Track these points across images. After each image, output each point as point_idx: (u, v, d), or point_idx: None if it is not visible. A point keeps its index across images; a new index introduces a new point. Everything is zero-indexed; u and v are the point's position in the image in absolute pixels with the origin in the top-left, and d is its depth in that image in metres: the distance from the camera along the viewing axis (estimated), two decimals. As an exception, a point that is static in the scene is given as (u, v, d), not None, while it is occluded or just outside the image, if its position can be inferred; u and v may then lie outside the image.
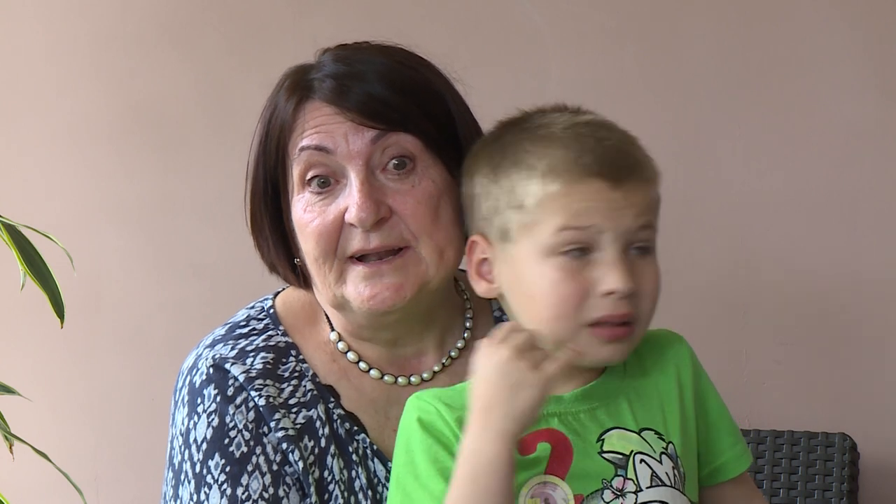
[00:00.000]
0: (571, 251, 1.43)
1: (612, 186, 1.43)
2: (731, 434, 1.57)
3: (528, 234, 1.45)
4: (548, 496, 1.41)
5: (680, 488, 1.47)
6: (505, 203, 1.47)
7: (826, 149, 2.61)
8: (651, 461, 1.45)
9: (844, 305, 2.62)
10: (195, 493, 1.57)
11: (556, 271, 1.43)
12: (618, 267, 1.42)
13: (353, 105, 1.57)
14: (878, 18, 2.59)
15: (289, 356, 1.64)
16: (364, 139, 1.56)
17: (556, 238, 1.43)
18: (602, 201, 1.43)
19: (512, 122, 1.54)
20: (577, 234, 1.43)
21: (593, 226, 1.43)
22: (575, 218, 1.43)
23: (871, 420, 2.60)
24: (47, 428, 2.78)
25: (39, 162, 2.83)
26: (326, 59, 1.63)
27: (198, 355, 1.64)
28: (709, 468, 1.55)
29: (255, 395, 1.59)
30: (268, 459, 1.58)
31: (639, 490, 1.43)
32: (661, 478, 1.45)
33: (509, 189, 1.46)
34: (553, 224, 1.43)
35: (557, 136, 1.46)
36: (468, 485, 1.36)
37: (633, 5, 2.66)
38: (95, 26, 2.80)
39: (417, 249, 1.57)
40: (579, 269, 1.43)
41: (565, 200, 1.43)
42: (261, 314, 1.68)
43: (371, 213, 1.55)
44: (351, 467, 1.61)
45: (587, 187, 1.43)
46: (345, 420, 1.62)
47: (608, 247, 1.43)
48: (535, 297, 1.45)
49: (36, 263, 2.17)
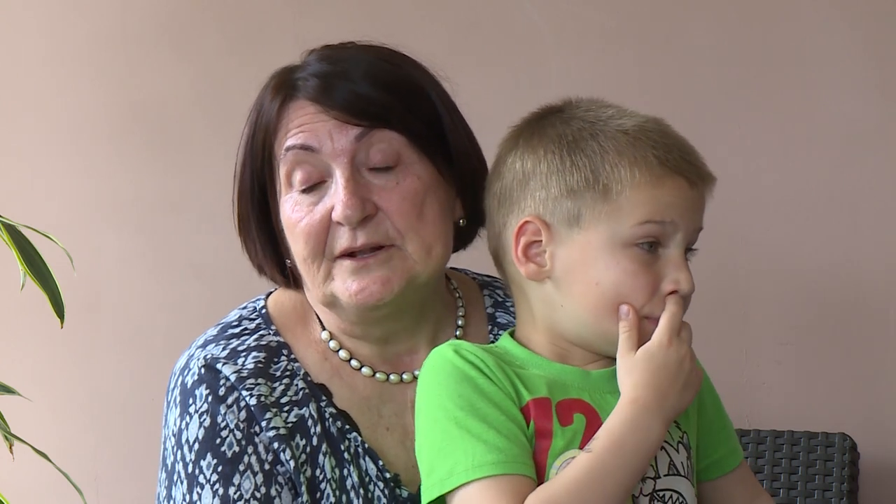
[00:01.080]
0: (646, 244, 1.45)
1: (691, 186, 1.47)
2: (726, 427, 1.59)
3: (607, 220, 1.45)
4: None
5: (690, 479, 1.48)
6: (583, 185, 1.45)
7: (826, 149, 2.61)
8: (670, 449, 1.46)
9: (844, 305, 2.62)
10: (187, 494, 1.57)
11: (632, 263, 1.44)
12: (684, 268, 1.47)
13: (337, 103, 1.57)
14: (878, 18, 2.59)
15: (280, 355, 1.64)
16: (348, 137, 1.57)
17: (636, 230, 1.44)
18: (682, 198, 1.46)
19: (560, 108, 1.53)
20: (657, 227, 1.45)
21: (672, 222, 1.45)
22: (659, 212, 1.44)
23: (871, 420, 2.60)
24: (47, 428, 2.78)
25: (39, 162, 2.83)
26: (311, 59, 1.63)
27: (189, 356, 1.64)
28: (707, 461, 1.56)
29: (247, 394, 1.59)
30: (259, 459, 1.58)
31: (657, 477, 1.44)
32: (677, 467, 1.46)
33: (591, 170, 1.45)
34: (637, 215, 1.44)
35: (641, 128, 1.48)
36: (619, 457, 1.38)
37: (633, 5, 2.66)
38: (95, 26, 2.80)
39: (404, 247, 1.57)
40: (652, 263, 1.45)
41: (653, 192, 1.44)
42: (252, 314, 1.68)
43: (357, 210, 1.55)
44: (343, 466, 1.60)
45: (672, 182, 1.45)
46: (337, 418, 1.62)
47: (677, 245, 1.46)
48: (602, 285, 1.45)
49: (36, 263, 2.17)
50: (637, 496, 1.42)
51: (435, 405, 1.43)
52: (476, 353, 1.44)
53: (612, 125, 1.48)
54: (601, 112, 1.50)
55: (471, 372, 1.43)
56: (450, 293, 1.72)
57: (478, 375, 1.43)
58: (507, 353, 1.49)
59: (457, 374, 1.43)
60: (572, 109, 1.51)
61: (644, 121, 1.49)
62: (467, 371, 1.43)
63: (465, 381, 1.42)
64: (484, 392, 1.42)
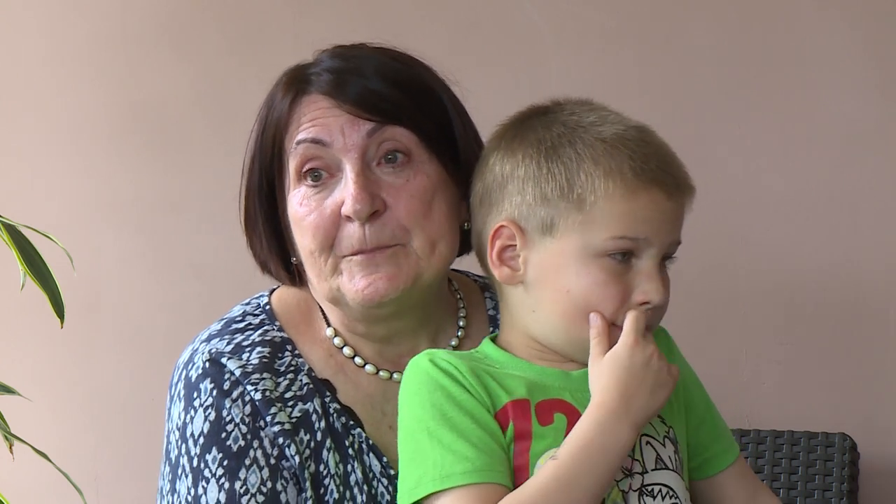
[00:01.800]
0: (618, 255, 1.45)
1: (668, 197, 1.46)
2: (718, 424, 1.59)
3: (581, 231, 1.45)
4: None
5: (680, 472, 1.48)
6: (559, 196, 1.45)
7: (826, 149, 2.61)
8: (656, 444, 1.46)
9: (844, 305, 2.62)
10: (192, 487, 1.57)
11: (602, 273, 1.44)
12: (657, 280, 1.45)
13: (351, 98, 1.58)
14: (878, 18, 2.59)
15: (285, 351, 1.64)
16: (360, 132, 1.57)
17: (608, 243, 1.44)
18: (658, 211, 1.45)
19: (545, 110, 1.53)
20: (629, 242, 1.44)
21: (646, 238, 1.44)
22: (634, 228, 1.44)
23: (871, 420, 2.60)
24: (47, 428, 2.78)
25: (39, 162, 2.83)
26: (323, 56, 1.64)
27: (193, 350, 1.64)
28: (700, 458, 1.56)
29: (251, 388, 1.59)
30: (265, 453, 1.58)
31: (645, 472, 1.44)
32: (665, 461, 1.46)
33: (566, 179, 1.45)
34: (610, 228, 1.44)
35: (620, 136, 1.46)
36: (585, 462, 1.38)
37: (633, 5, 2.66)
38: (95, 26, 2.80)
39: (409, 245, 1.58)
40: (623, 273, 1.45)
41: (627, 206, 1.44)
42: (257, 310, 1.69)
43: (366, 204, 1.55)
44: (347, 461, 1.61)
45: (648, 195, 1.44)
46: (341, 414, 1.62)
47: (651, 257, 1.45)
48: (572, 293, 1.46)
49: (36, 263, 2.17)
50: (626, 492, 1.42)
51: (409, 415, 1.45)
52: (451, 362, 1.45)
53: (591, 132, 1.47)
54: (584, 117, 1.49)
55: (444, 381, 1.44)
56: (451, 294, 1.73)
57: (451, 384, 1.43)
58: (487, 357, 1.50)
59: (430, 383, 1.44)
60: (556, 112, 1.51)
61: (625, 129, 1.48)
62: (441, 380, 1.44)
63: (439, 391, 1.43)
64: (456, 401, 1.42)
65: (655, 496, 1.44)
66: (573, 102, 1.53)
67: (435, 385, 1.44)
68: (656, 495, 1.44)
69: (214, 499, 1.56)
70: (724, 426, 1.60)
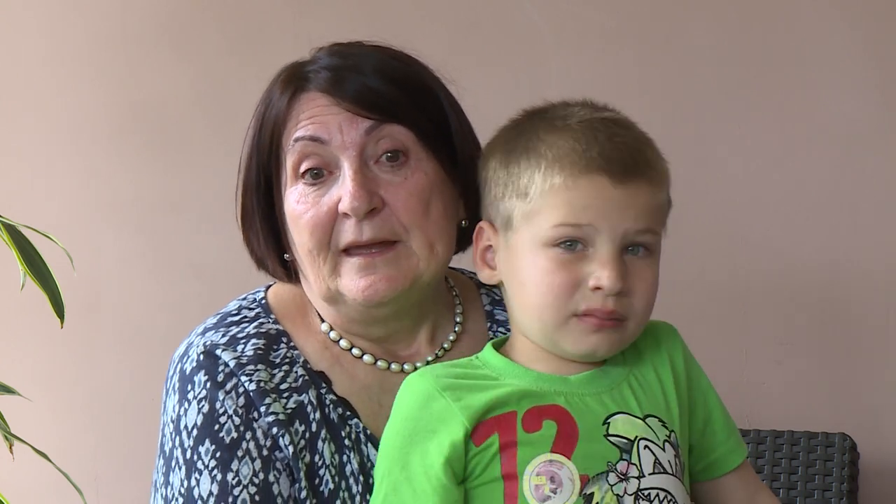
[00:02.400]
0: (566, 244, 1.44)
1: (613, 184, 1.44)
2: (725, 427, 1.57)
3: (528, 222, 1.46)
4: (553, 474, 1.42)
5: (680, 477, 1.47)
6: (511, 190, 1.47)
7: (826, 149, 2.61)
8: (655, 448, 1.46)
9: (844, 305, 2.62)
10: (186, 479, 1.57)
11: (549, 262, 1.44)
12: (608, 266, 1.43)
13: (349, 95, 1.58)
14: (878, 18, 2.59)
15: (280, 342, 1.64)
16: (358, 130, 1.57)
17: (553, 231, 1.44)
18: (602, 199, 1.43)
19: (534, 111, 1.54)
20: (573, 230, 1.44)
21: (590, 225, 1.43)
22: (573, 215, 1.43)
23: (871, 420, 2.60)
24: (47, 428, 2.78)
25: (39, 162, 2.83)
26: (321, 54, 1.64)
27: (189, 343, 1.65)
28: (704, 462, 1.55)
29: (246, 380, 1.59)
30: (258, 445, 1.58)
31: (641, 476, 1.44)
32: (664, 465, 1.45)
33: (517, 176, 1.47)
34: (552, 217, 1.44)
35: (571, 128, 1.47)
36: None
37: (633, 5, 2.66)
38: (95, 26, 2.80)
39: (408, 243, 1.58)
40: (572, 262, 1.44)
41: (566, 195, 1.44)
42: (252, 304, 1.69)
43: (364, 202, 1.55)
44: (342, 452, 1.61)
45: (589, 182, 1.44)
46: (337, 405, 1.62)
47: (603, 246, 1.44)
48: (526, 285, 1.47)
49: (36, 263, 2.17)
50: (621, 496, 1.42)
51: (384, 437, 1.49)
52: (428, 385, 1.47)
53: (551, 125, 1.48)
54: (565, 111, 1.50)
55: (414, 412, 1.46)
56: (447, 291, 1.73)
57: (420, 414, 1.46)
58: (485, 364, 1.51)
59: (401, 412, 1.47)
60: (541, 113, 1.52)
61: (595, 118, 1.48)
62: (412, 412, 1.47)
63: (409, 420, 1.46)
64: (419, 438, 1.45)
65: (652, 500, 1.44)
66: (570, 103, 1.53)
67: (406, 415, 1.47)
68: (653, 499, 1.44)
69: (207, 490, 1.56)
70: (733, 428, 1.58)
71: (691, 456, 1.54)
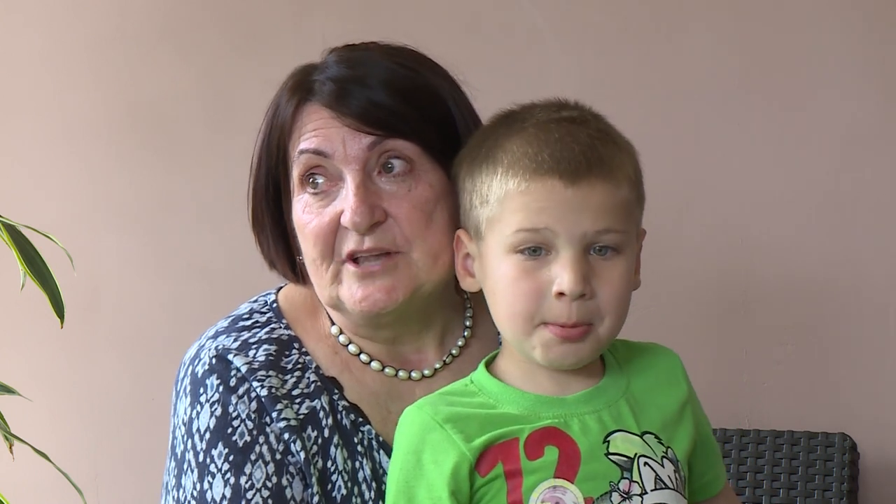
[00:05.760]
0: (527, 250, 1.43)
1: (565, 185, 1.41)
2: (715, 451, 1.59)
3: (492, 230, 1.45)
4: (558, 500, 1.41)
5: (682, 492, 1.47)
6: (476, 198, 1.47)
7: (826, 149, 2.61)
8: (654, 464, 1.45)
9: (844, 305, 2.62)
10: (198, 482, 1.58)
11: (513, 269, 1.44)
12: (568, 269, 1.41)
13: (352, 111, 1.57)
14: (878, 18, 2.59)
15: (291, 348, 1.65)
16: (361, 144, 1.57)
17: (514, 238, 1.43)
18: (555, 201, 1.42)
19: (500, 116, 1.53)
20: (532, 235, 1.42)
21: (546, 228, 1.42)
22: (529, 220, 1.42)
23: (871, 420, 2.60)
24: (47, 428, 2.78)
25: (39, 162, 2.83)
26: (330, 59, 1.63)
27: (200, 346, 1.65)
28: (698, 483, 1.56)
29: (258, 385, 1.59)
30: (271, 449, 1.58)
31: (644, 493, 1.43)
32: (665, 481, 1.45)
33: (480, 184, 1.47)
34: (512, 223, 1.43)
35: (526, 131, 1.46)
36: None
37: (633, 5, 2.66)
38: (95, 26, 2.80)
39: (410, 255, 1.58)
40: (536, 268, 1.43)
41: (522, 200, 1.42)
42: (263, 307, 1.69)
43: (365, 217, 1.55)
44: (355, 458, 1.61)
45: (542, 186, 1.42)
46: (350, 411, 1.63)
47: (562, 249, 1.42)
48: (496, 293, 1.46)
49: (36, 263, 2.17)
50: None
51: (389, 472, 1.48)
52: (427, 417, 1.45)
53: (515, 128, 1.47)
54: (528, 113, 1.49)
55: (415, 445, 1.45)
56: (458, 294, 1.73)
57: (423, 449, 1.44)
58: (481, 391, 1.49)
59: (403, 446, 1.46)
60: (497, 122, 1.52)
61: (553, 118, 1.46)
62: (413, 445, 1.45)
63: (411, 454, 1.45)
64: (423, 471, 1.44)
65: None
66: (536, 105, 1.51)
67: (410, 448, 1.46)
68: None
69: (220, 494, 1.56)
70: (718, 452, 1.59)
71: (691, 474, 1.54)
